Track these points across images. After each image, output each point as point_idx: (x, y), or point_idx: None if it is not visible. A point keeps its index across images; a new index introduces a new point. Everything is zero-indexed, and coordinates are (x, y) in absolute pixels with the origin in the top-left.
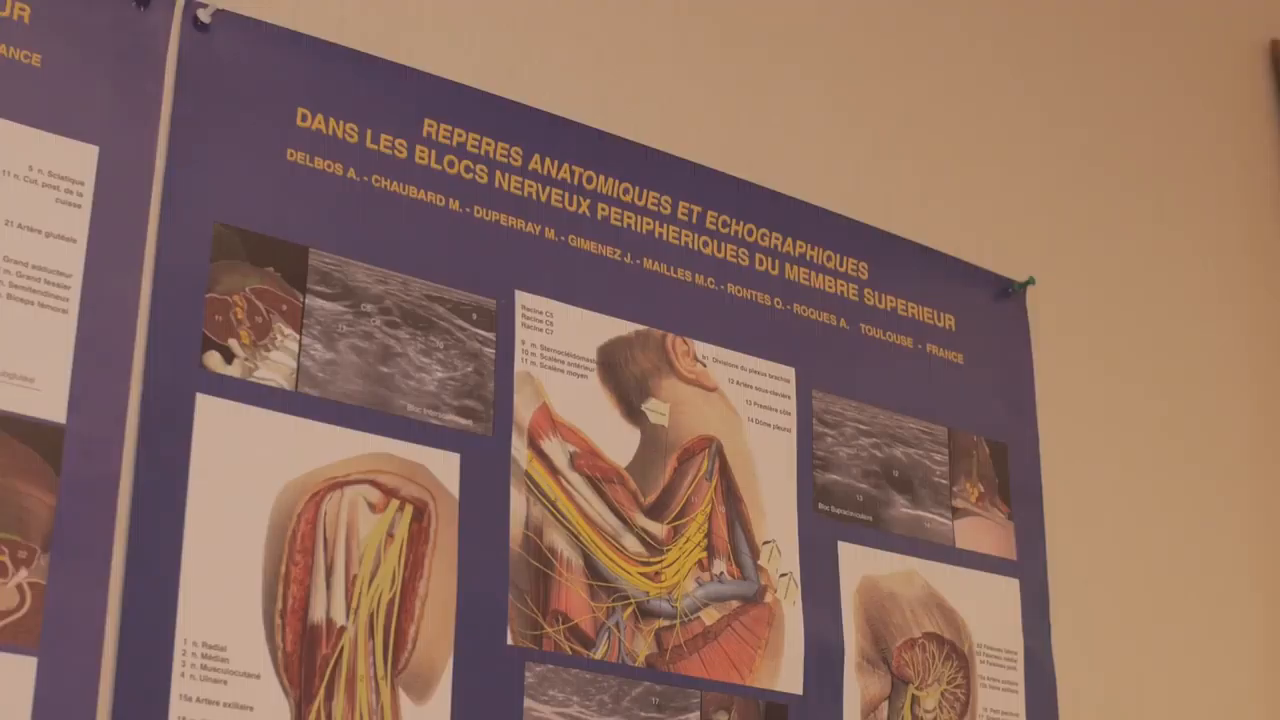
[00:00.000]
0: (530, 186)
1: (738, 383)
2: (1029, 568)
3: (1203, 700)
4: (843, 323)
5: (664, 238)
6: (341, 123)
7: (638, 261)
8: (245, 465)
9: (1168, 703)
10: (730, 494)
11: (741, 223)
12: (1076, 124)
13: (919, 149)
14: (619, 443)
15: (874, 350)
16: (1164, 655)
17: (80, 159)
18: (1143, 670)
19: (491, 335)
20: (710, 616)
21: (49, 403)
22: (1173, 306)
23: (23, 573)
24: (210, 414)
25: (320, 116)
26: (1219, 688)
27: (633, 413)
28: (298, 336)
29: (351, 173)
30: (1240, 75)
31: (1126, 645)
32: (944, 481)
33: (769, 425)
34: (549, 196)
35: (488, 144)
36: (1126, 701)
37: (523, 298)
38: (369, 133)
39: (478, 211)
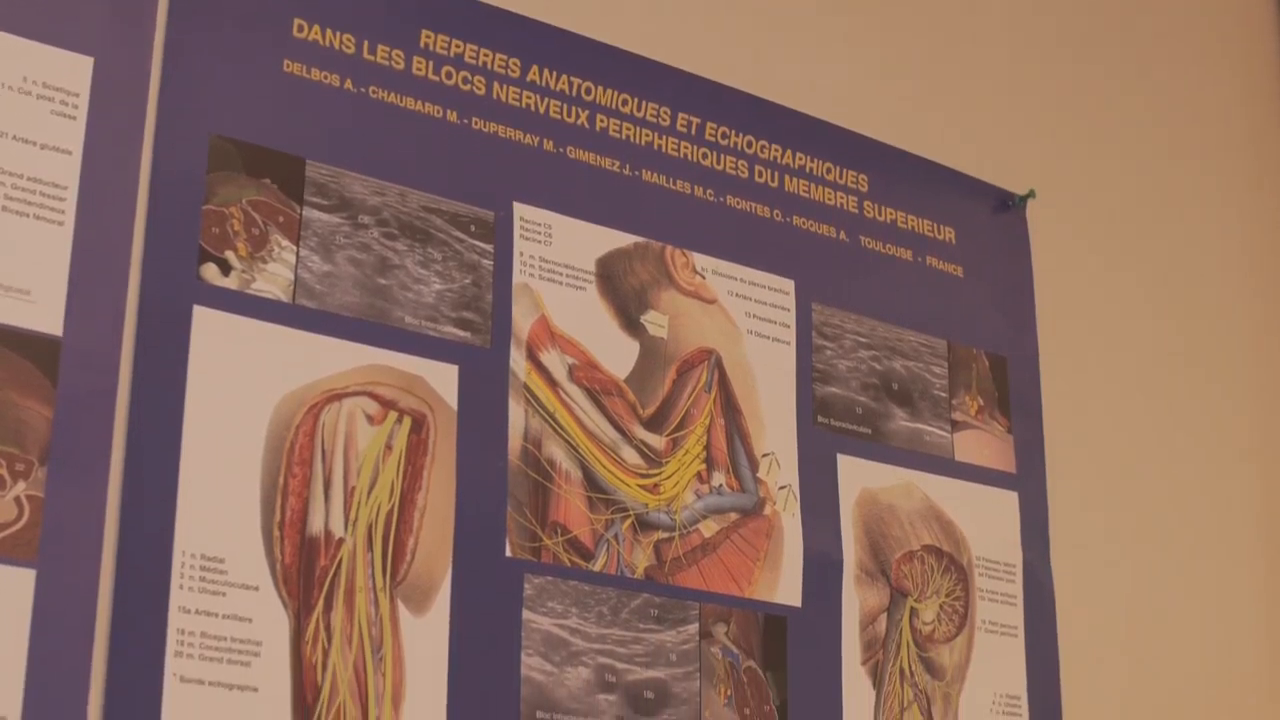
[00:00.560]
0: (528, 98)
1: (737, 295)
2: (1028, 481)
3: (1201, 612)
4: (842, 235)
5: (663, 149)
6: (338, 33)
7: (637, 173)
8: (243, 377)
9: (1166, 614)
10: (729, 406)
11: (741, 134)
12: (1078, 36)
13: (919, 61)
14: (618, 355)
15: (873, 263)
16: (1163, 567)
17: (75, 70)
18: (1140, 583)
19: (489, 247)
20: (709, 529)
21: (45, 315)
22: (1173, 219)
23: (20, 485)
24: (207, 326)
25: (317, 27)
26: (1217, 599)
27: (632, 325)
28: (295, 248)
29: (348, 84)
30: None
31: (1125, 558)
32: (943, 394)
33: (768, 338)
34: (547, 108)
35: (485, 55)
36: (1124, 613)
37: (521, 209)
38: (366, 44)
39: (476, 123)
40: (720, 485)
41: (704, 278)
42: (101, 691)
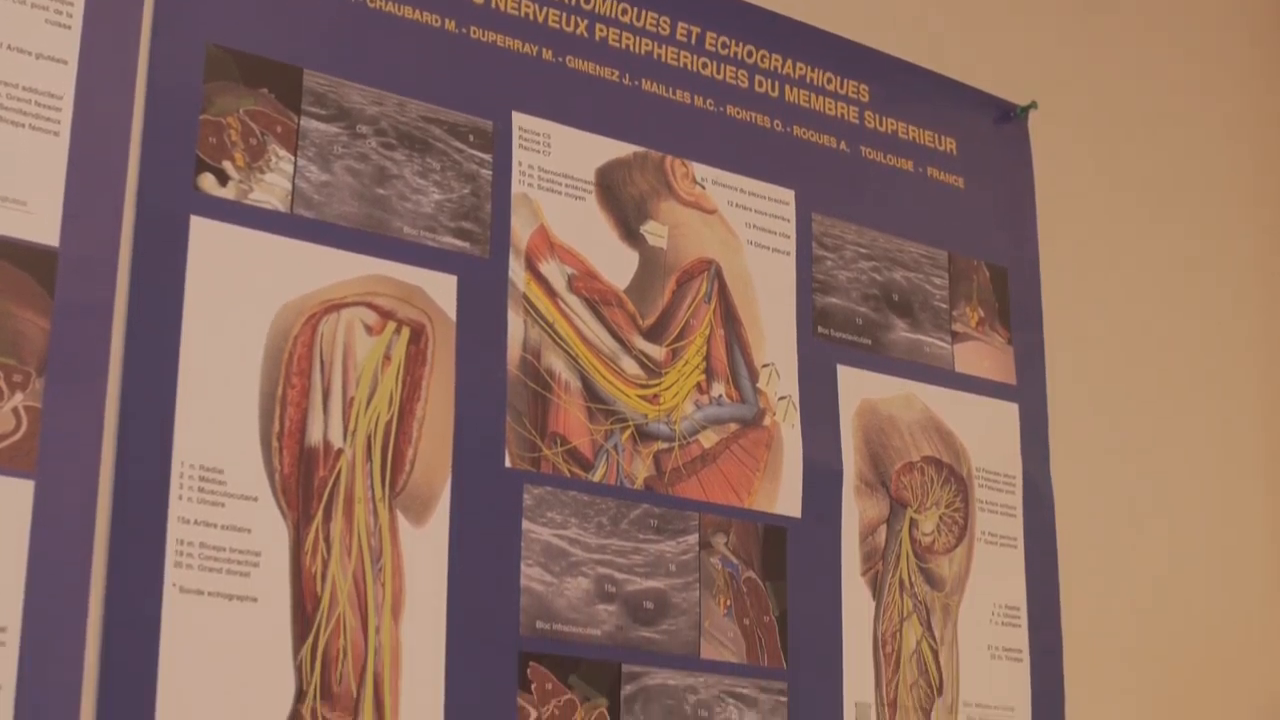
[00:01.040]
0: (527, 7)
1: (737, 205)
2: (1028, 392)
3: (1200, 522)
4: (843, 146)
5: (662, 59)
6: None
7: (636, 83)
8: (241, 288)
9: (1166, 525)
10: (729, 317)
11: (741, 44)
12: None
13: None
14: (617, 265)
15: (874, 174)
16: (1164, 477)
17: None
18: (1141, 493)
19: (488, 157)
20: (709, 439)
21: (42, 226)
22: (1175, 129)
23: (18, 396)
24: (205, 236)
25: None
26: (1219, 505)
27: (631, 235)
28: (292, 159)
29: None
30: None
31: (1125, 469)
32: (944, 306)
33: (768, 248)
34: (546, 17)
35: None
36: (1124, 524)
37: (520, 119)
38: None
39: (474, 32)
40: (720, 396)
41: (704, 188)
42: (101, 602)
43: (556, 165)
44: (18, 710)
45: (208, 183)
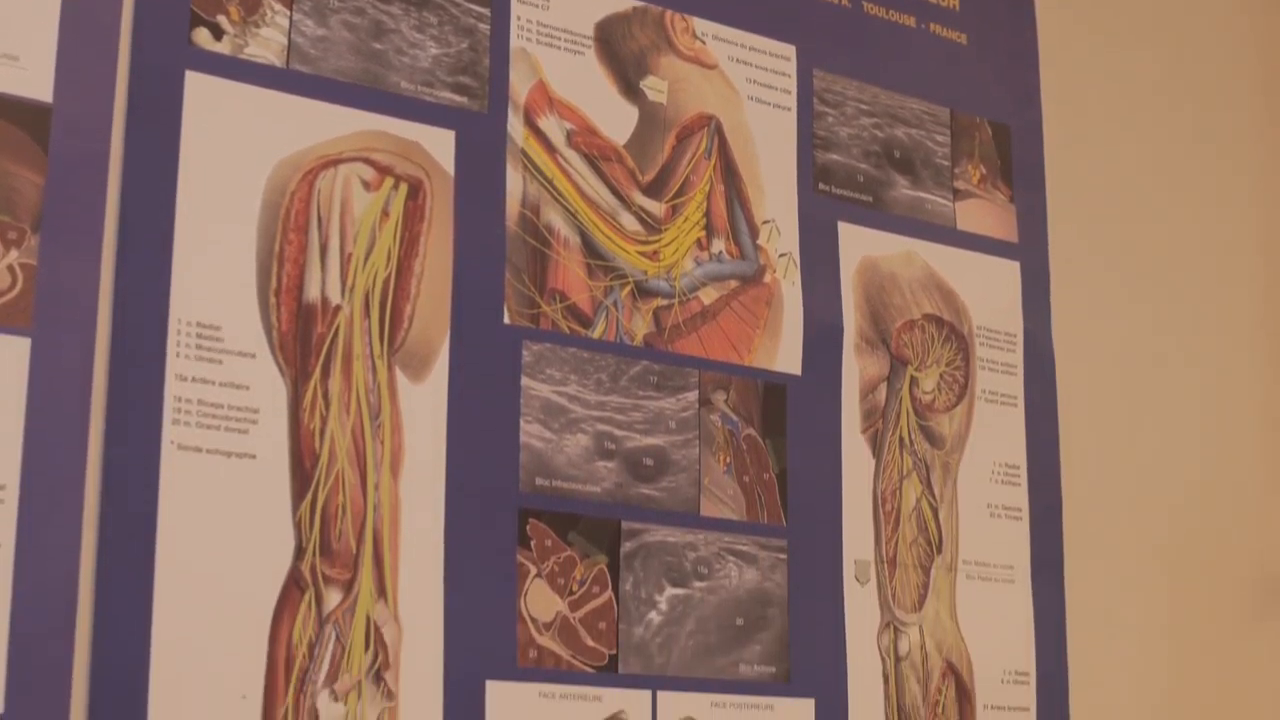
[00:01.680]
0: None
1: (737, 60)
2: (1030, 250)
3: (1202, 378)
4: (844, 1)
5: None
6: None
7: None
8: (236, 143)
9: (1167, 383)
10: (729, 172)
11: None
12: None
13: None
14: (617, 120)
15: (876, 29)
16: (1164, 338)
17: None
18: (1142, 352)
19: (486, 10)
20: (709, 296)
21: (35, 81)
22: None
23: (13, 253)
24: (200, 91)
25: None
26: (1217, 368)
27: (630, 90)
28: (288, 12)
29: None
30: None
31: (1127, 328)
32: (945, 163)
33: (769, 104)
34: None
35: None
36: (1125, 383)
37: None
38: None
39: None
40: (720, 252)
41: (704, 43)
42: (99, 460)
43: (555, 19)
44: (17, 567)
45: (202, 37)
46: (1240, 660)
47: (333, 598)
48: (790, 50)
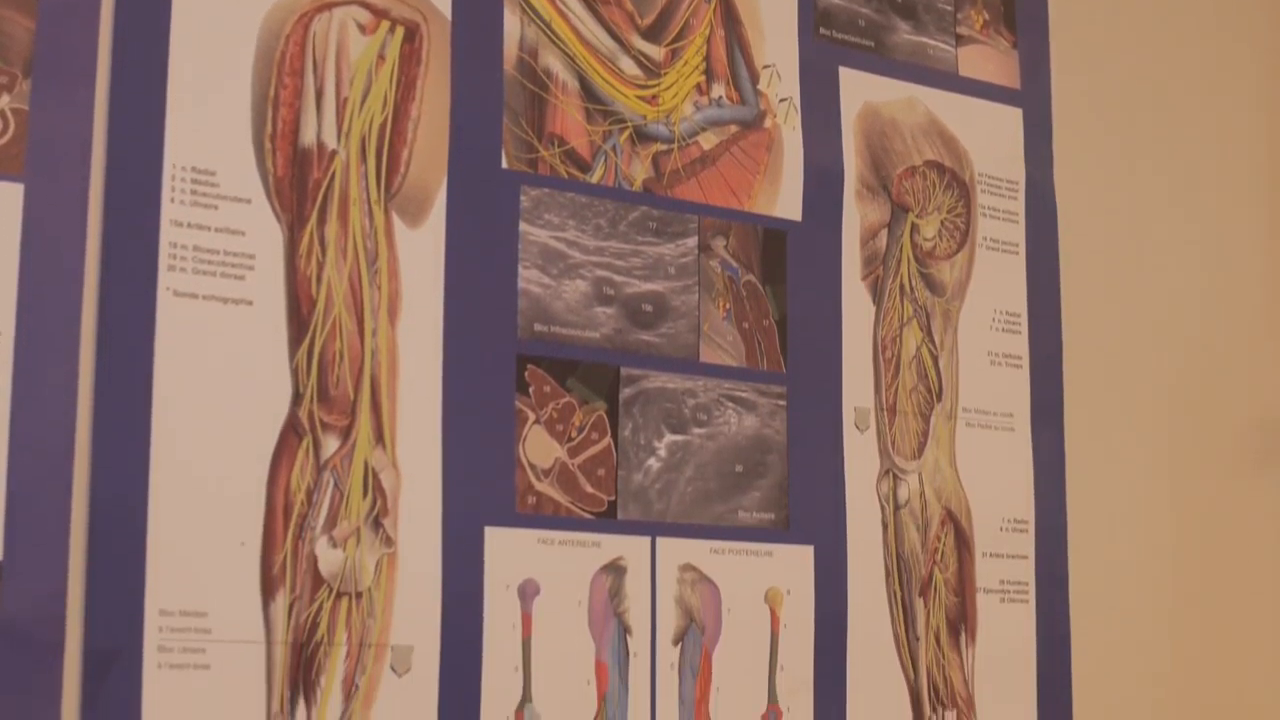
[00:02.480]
0: None
1: None
2: (1033, 97)
3: (1203, 227)
4: None
5: None
6: None
7: None
8: None
9: (1168, 229)
10: (729, 17)
11: None
12: None
13: None
14: None
15: None
16: (1166, 183)
17: None
18: (1144, 198)
19: None
20: (708, 141)
21: None
22: None
23: (4, 99)
24: None
25: None
26: (1220, 214)
27: None
28: None
29: None
30: None
31: (1129, 174)
32: (948, 8)
33: None
34: None
35: None
36: (1127, 230)
37: None
38: None
39: None
40: (720, 97)
41: None
42: (95, 307)
43: None
44: (13, 415)
45: None
46: (1240, 506)
47: (330, 444)
48: None
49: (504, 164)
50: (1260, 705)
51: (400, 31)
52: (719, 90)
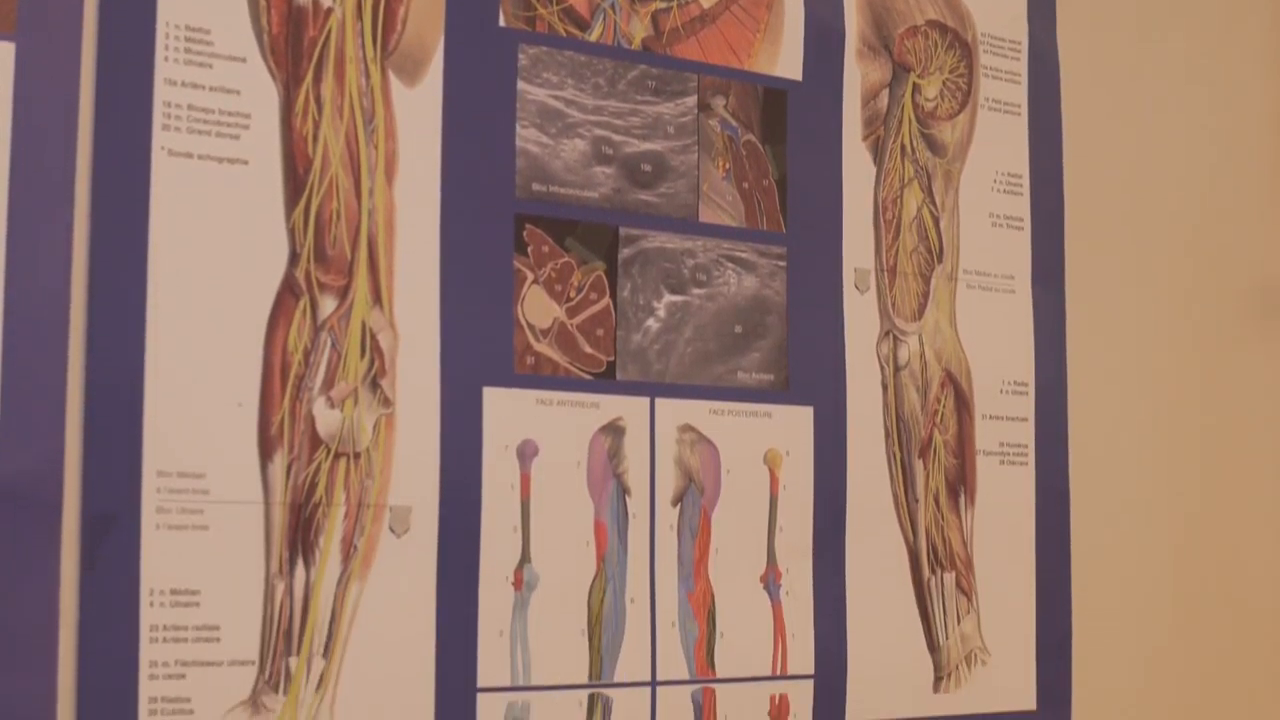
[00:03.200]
0: None
1: None
2: None
3: (1208, 90)
4: None
5: None
6: None
7: None
8: None
9: (1173, 91)
10: None
11: None
12: None
13: None
14: None
15: None
16: (1172, 45)
17: None
18: (1148, 60)
19: None
20: None
21: None
22: None
23: None
24: None
25: None
26: (1225, 77)
27: None
28: None
29: None
30: None
31: (1133, 35)
32: None
33: None
34: None
35: None
36: (1130, 91)
37: None
38: None
39: None
40: None
41: None
42: (89, 168)
43: None
44: (7, 278)
45: None
46: (1240, 368)
47: (328, 304)
48: None
49: (502, 22)
50: (1258, 563)
51: None
52: None
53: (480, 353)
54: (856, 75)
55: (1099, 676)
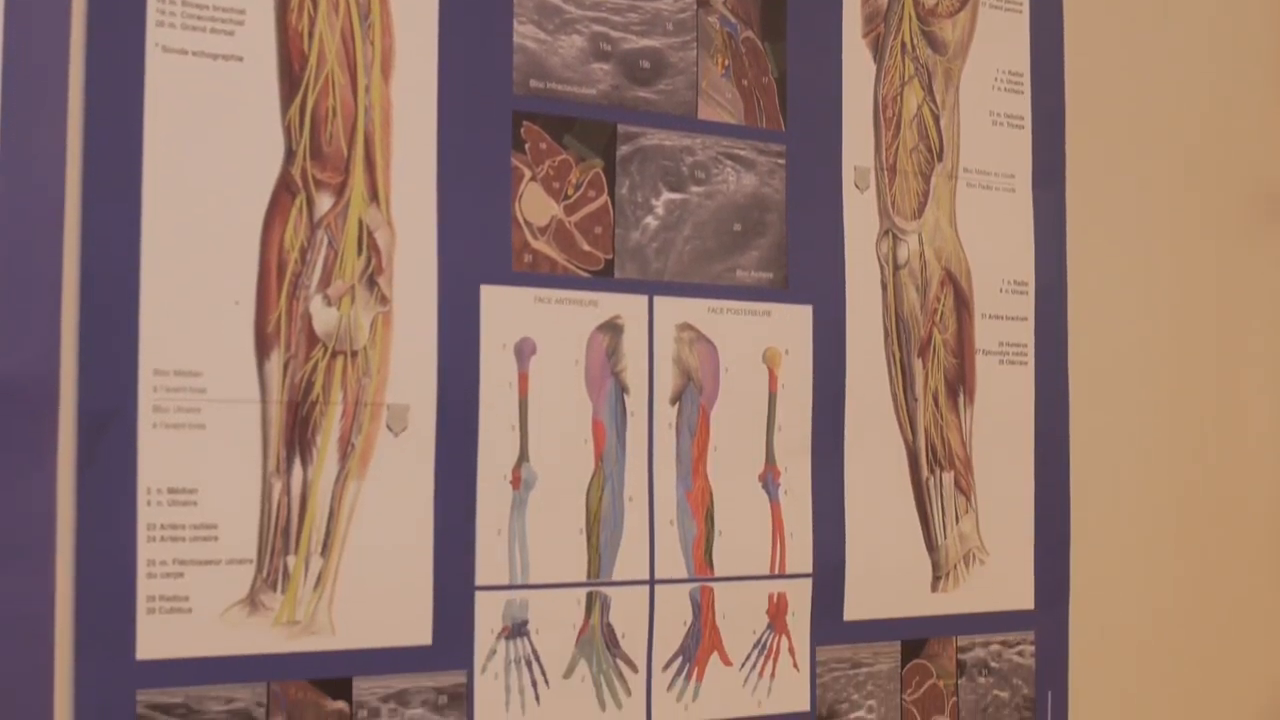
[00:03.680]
0: None
1: None
2: None
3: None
4: None
5: None
6: None
7: None
8: None
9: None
10: None
11: None
12: None
13: None
14: None
15: None
16: None
17: None
18: None
19: None
20: None
21: None
22: None
23: None
24: None
25: None
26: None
27: None
28: None
29: None
30: None
31: None
32: None
33: None
34: None
35: None
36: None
37: None
38: None
39: None
40: None
41: None
42: (82, 66)
43: None
44: (3, 182)
45: None
46: (1242, 269)
47: (324, 202)
48: None
49: None
50: (1257, 463)
51: None
52: None
53: (478, 250)
54: None
55: (1097, 576)
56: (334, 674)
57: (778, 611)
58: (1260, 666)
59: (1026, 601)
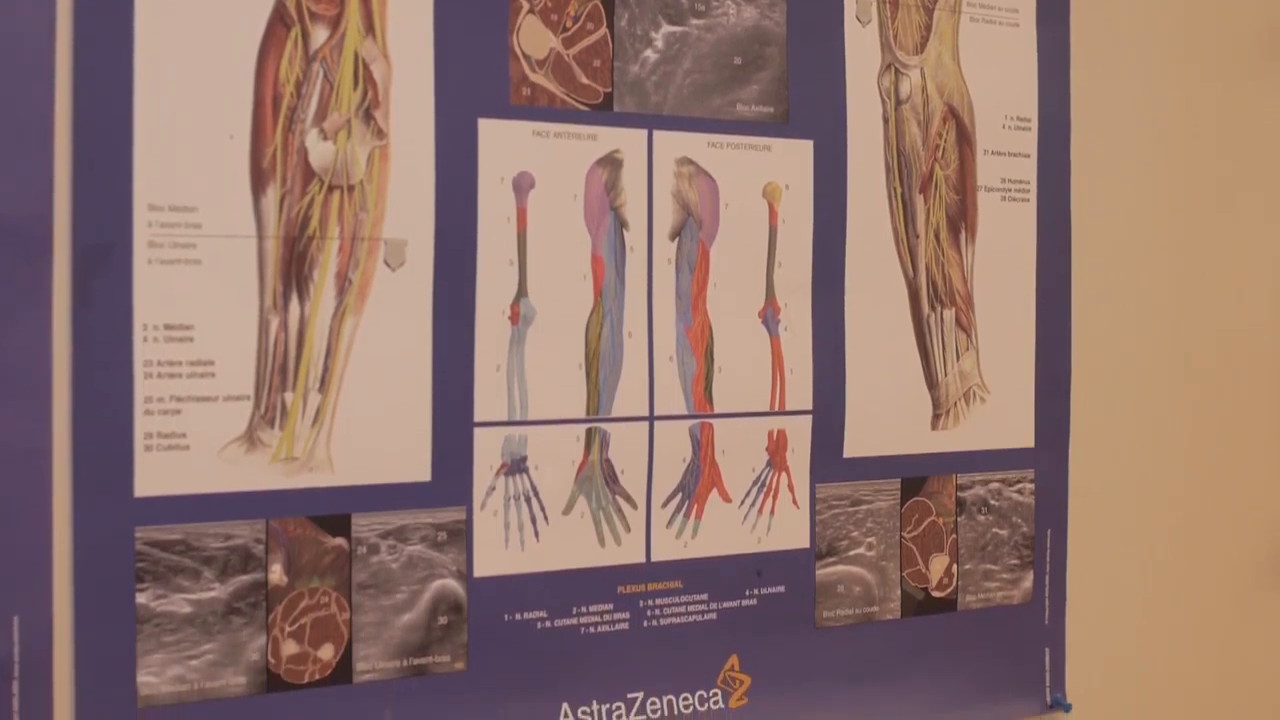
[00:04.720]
0: None
1: None
2: None
3: None
4: None
5: None
6: None
7: None
8: None
9: None
10: None
11: None
12: None
13: None
14: None
15: None
16: None
17: None
18: None
19: None
20: None
21: None
22: None
23: None
24: None
25: None
26: None
27: None
28: None
29: None
30: None
31: None
32: None
33: None
34: None
35: None
36: None
37: None
38: None
39: None
40: None
41: None
42: None
43: None
44: None
45: None
46: (1247, 107)
47: (319, 34)
48: None
49: None
50: (1259, 302)
51: None
52: None
53: (475, 83)
54: None
55: (1097, 415)
56: (333, 510)
57: (777, 448)
58: (1259, 505)
59: (1027, 439)
